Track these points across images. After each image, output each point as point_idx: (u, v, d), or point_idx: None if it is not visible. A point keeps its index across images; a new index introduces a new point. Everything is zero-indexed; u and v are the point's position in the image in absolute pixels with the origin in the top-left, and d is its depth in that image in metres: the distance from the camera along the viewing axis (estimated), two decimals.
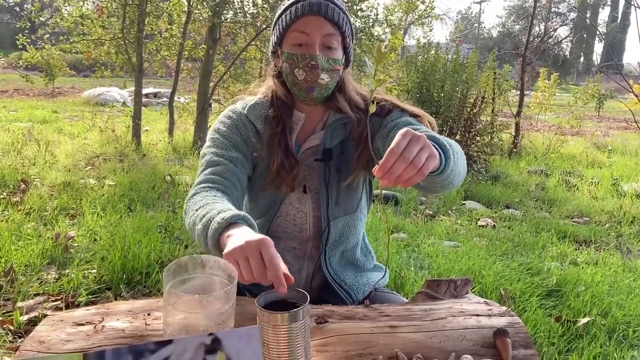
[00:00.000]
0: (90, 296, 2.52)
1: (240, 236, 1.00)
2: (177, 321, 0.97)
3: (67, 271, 2.72)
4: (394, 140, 0.97)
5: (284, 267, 0.95)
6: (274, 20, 1.44)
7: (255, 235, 0.98)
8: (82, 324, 1.05)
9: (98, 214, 3.64)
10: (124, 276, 2.70)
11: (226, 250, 0.99)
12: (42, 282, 2.61)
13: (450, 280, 1.33)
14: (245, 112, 1.43)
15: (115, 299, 2.52)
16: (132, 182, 4.55)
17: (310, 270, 1.48)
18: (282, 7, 1.41)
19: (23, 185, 4.22)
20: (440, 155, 1.08)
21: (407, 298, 2.60)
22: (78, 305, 2.44)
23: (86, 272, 2.73)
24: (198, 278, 1.08)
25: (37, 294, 2.48)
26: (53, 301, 2.40)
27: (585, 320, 2.49)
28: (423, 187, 1.25)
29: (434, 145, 1.05)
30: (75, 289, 2.56)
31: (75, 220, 3.59)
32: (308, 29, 1.35)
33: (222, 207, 1.14)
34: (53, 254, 2.89)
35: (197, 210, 1.18)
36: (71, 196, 4.05)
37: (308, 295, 0.99)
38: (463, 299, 1.29)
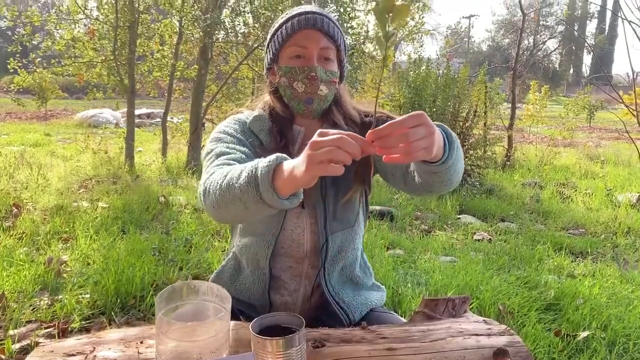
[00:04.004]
0: (83, 322, 2.48)
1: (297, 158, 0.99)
2: (169, 349, 0.95)
3: (60, 296, 2.68)
4: (403, 116, 0.94)
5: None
6: (269, 37, 1.46)
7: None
8: (73, 355, 1.02)
9: (91, 237, 3.61)
10: (118, 300, 2.66)
11: (302, 169, 0.96)
12: (34, 308, 2.57)
13: (448, 299, 1.31)
14: (248, 123, 1.42)
15: (109, 324, 2.49)
16: (126, 204, 4.52)
17: (308, 289, 1.45)
18: (276, 25, 1.42)
19: (15, 210, 4.18)
20: (445, 144, 1.07)
21: (404, 316, 2.57)
22: (71, 332, 2.40)
23: (79, 297, 2.69)
24: (191, 304, 1.07)
25: (29, 321, 2.43)
26: (45, 328, 2.36)
27: (585, 334, 2.46)
28: (421, 184, 1.23)
29: (442, 132, 1.05)
30: (69, 314, 2.52)
31: (68, 244, 3.55)
32: (305, 42, 1.37)
33: (258, 159, 1.08)
34: (45, 279, 2.85)
35: (227, 174, 1.12)
36: (64, 220, 4.01)
37: (304, 320, 0.97)
38: (461, 318, 1.27)
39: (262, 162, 1.03)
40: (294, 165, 0.99)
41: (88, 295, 2.71)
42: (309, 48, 1.37)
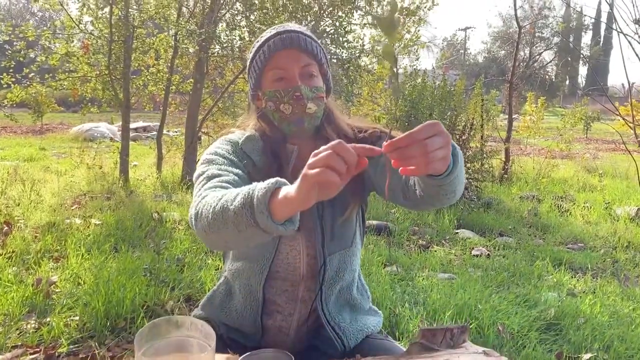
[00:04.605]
0: (71, 346, 2.41)
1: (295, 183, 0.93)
2: None
3: (48, 319, 2.61)
4: (417, 127, 0.90)
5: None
6: (248, 64, 1.43)
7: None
8: None
9: (82, 256, 3.54)
10: (108, 323, 2.59)
11: (295, 191, 0.92)
12: (21, 332, 2.50)
13: (446, 329, 1.25)
14: (240, 144, 1.39)
15: (99, 348, 2.41)
16: (119, 220, 4.45)
17: (304, 314, 1.41)
18: (253, 50, 1.40)
19: (6, 228, 4.11)
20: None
21: (401, 338, 2.51)
22: (59, 357, 2.33)
23: (68, 319, 2.62)
24: (173, 340, 1.01)
25: (15, 346, 2.36)
26: (31, 354, 2.29)
27: (587, 356, 2.40)
28: (422, 197, 1.17)
29: None
30: (56, 338, 2.45)
31: (59, 264, 3.48)
32: (284, 63, 1.34)
33: (255, 183, 1.02)
34: (34, 301, 2.78)
35: (222, 197, 1.06)
36: (56, 237, 3.94)
37: (293, 357, 0.92)
38: (460, 349, 1.22)
39: (260, 185, 0.99)
40: (291, 186, 0.94)
41: (77, 318, 2.64)
42: (289, 69, 1.34)
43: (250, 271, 1.37)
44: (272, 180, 0.99)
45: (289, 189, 0.95)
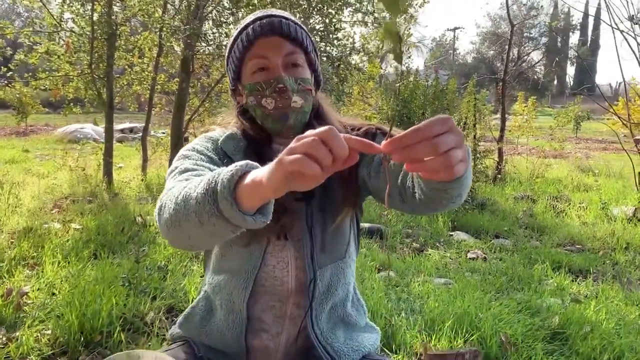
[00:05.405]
0: None
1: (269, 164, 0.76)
2: None
3: (17, 334, 2.41)
4: (425, 121, 0.72)
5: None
6: (226, 54, 1.26)
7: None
8: None
9: (59, 264, 3.34)
10: (82, 337, 2.40)
11: (266, 177, 0.75)
12: None
13: (457, 354, 1.10)
14: (220, 143, 1.23)
15: None
16: (100, 225, 4.25)
17: (292, 333, 1.25)
18: (232, 39, 1.23)
19: None
20: None
21: (398, 351, 2.34)
22: None
23: (39, 334, 2.43)
24: None
25: None
26: None
27: None
28: (423, 201, 1.00)
29: None
30: (25, 356, 2.25)
31: (34, 272, 3.28)
32: (265, 51, 1.17)
33: (221, 168, 0.86)
34: (3, 313, 2.58)
35: (186, 186, 0.92)
36: (32, 243, 3.73)
37: None
38: None
39: (227, 168, 0.83)
40: (262, 170, 0.77)
41: (49, 332, 2.45)
42: (271, 57, 1.17)
43: (233, 285, 1.22)
44: (242, 162, 0.82)
45: (258, 173, 0.78)
